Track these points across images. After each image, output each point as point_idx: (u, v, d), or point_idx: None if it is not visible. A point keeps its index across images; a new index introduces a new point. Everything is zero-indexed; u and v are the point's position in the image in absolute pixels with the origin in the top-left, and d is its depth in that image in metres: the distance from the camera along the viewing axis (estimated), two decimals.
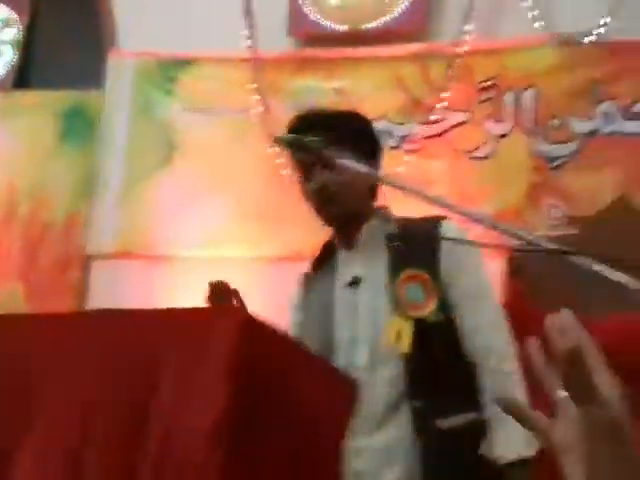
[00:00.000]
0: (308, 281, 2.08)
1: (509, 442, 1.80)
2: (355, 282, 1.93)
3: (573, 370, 0.70)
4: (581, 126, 3.95)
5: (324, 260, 2.05)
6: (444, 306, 1.89)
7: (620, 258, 1.17)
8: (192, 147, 4.42)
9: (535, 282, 3.43)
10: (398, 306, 1.86)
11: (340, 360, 1.83)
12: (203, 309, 1.22)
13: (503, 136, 4.06)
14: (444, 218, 1.92)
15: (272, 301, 3.91)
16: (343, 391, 1.36)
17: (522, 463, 1.80)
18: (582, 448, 0.71)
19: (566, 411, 0.74)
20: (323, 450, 1.29)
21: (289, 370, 1.23)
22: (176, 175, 4.42)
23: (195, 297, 3.87)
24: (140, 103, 4.58)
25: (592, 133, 3.93)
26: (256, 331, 1.19)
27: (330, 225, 2.03)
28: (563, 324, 0.74)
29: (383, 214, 2.03)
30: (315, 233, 4.08)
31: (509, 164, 4.02)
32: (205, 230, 4.28)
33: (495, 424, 1.82)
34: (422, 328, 1.85)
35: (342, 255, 2.02)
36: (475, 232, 2.07)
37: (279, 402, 1.21)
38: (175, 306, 1.30)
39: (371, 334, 1.87)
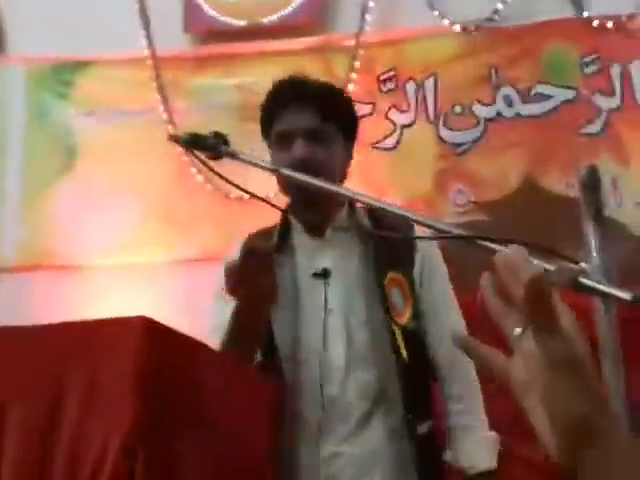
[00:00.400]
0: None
1: (479, 452, 1.79)
2: (324, 274, 1.78)
3: (536, 301, 0.68)
4: (483, 111, 4.01)
5: (281, 242, 1.86)
6: (417, 313, 1.82)
7: (543, 245, 1.17)
8: (94, 151, 4.30)
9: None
10: (391, 311, 1.77)
11: (311, 356, 1.73)
12: (103, 320, 1.16)
13: (408, 126, 4.08)
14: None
15: (187, 305, 3.87)
16: (261, 392, 1.32)
17: (490, 473, 1.79)
18: (542, 384, 0.69)
19: (524, 348, 0.72)
20: (245, 451, 1.25)
21: (199, 373, 1.19)
22: (79, 181, 4.29)
23: (108, 305, 3.79)
24: (34, 109, 4.43)
25: (494, 118, 3.99)
26: (160, 337, 1.14)
27: (301, 205, 1.82)
28: (514, 260, 0.72)
29: (352, 203, 1.87)
30: (226, 233, 4.08)
31: (415, 153, 4.04)
32: (114, 236, 4.18)
33: (462, 433, 1.80)
34: (407, 337, 1.78)
35: (305, 241, 1.85)
36: None
37: (191, 407, 1.16)
38: (86, 316, 1.25)
39: (345, 331, 1.76)
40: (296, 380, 1.70)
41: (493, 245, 1.25)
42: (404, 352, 1.76)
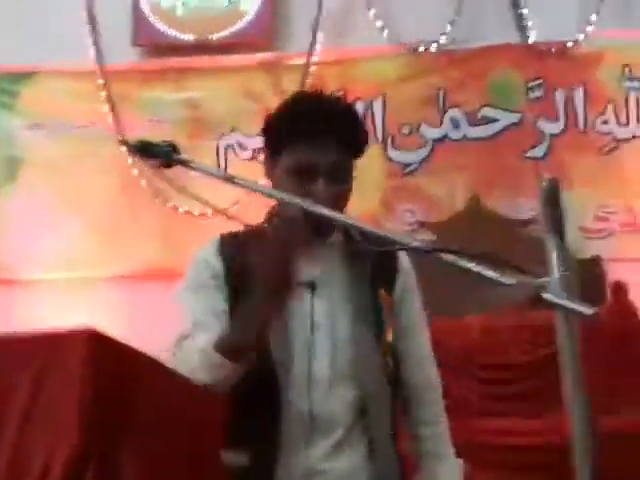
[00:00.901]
0: (232, 259, 1.73)
1: (450, 478, 1.76)
2: (312, 286, 1.69)
3: None
4: (430, 132, 4.06)
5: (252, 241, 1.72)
6: (395, 332, 1.75)
7: (506, 261, 1.18)
8: (38, 163, 4.24)
9: None
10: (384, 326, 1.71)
11: (296, 368, 1.66)
12: (49, 331, 1.13)
13: None
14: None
15: (128, 320, 3.82)
16: (210, 407, 1.30)
17: None
18: None
19: None
20: (193, 469, 1.23)
21: (146, 386, 1.16)
22: (21, 193, 4.21)
23: (49, 319, 3.71)
24: None
25: (441, 139, 4.05)
26: (107, 348, 1.11)
27: (321, 234, 1.68)
28: None
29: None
30: (173, 248, 4.03)
31: (363, 171, 4.03)
32: (56, 250, 4.10)
33: (433, 461, 1.77)
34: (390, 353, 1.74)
35: None
36: None
37: (139, 421, 1.14)
38: (24, 329, 1.21)
39: (330, 346, 1.70)
40: (286, 389, 1.65)
41: (457, 258, 1.27)
42: (392, 370, 1.73)
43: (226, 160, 4.24)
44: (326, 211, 1.44)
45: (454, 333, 3.51)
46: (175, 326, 1.75)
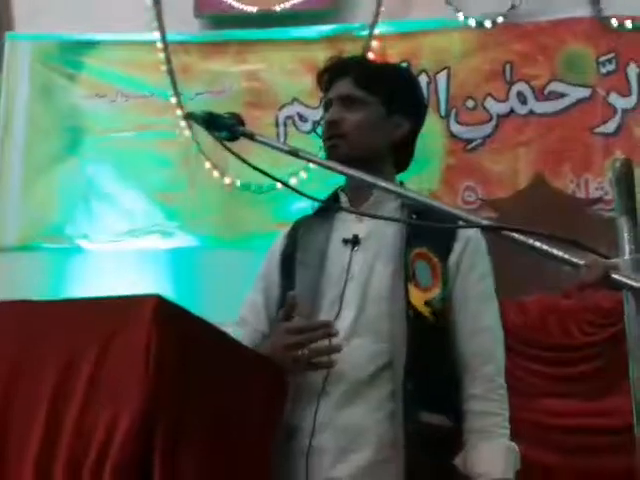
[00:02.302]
0: (307, 228, 1.89)
1: (493, 458, 1.68)
2: (354, 241, 1.79)
3: None
4: (496, 107, 3.96)
5: (323, 210, 1.90)
6: (445, 297, 1.75)
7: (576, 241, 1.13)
8: (100, 134, 4.25)
9: None
10: (409, 281, 1.73)
11: (322, 316, 1.71)
12: (115, 297, 1.13)
13: None
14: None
15: (195, 291, 3.84)
16: (272, 379, 1.28)
17: None
18: None
19: None
20: (253, 439, 1.21)
21: (211, 358, 1.15)
22: (85, 163, 4.24)
23: (109, 288, 3.75)
24: (40, 89, 4.37)
25: (507, 114, 3.94)
26: (174, 316, 1.10)
27: (340, 159, 1.79)
28: None
29: (401, 185, 1.87)
30: (231, 221, 4.04)
31: (424, 147, 3.98)
32: (120, 221, 4.14)
33: (477, 436, 1.72)
34: (425, 311, 1.72)
35: (345, 210, 1.88)
36: None
37: (202, 389, 1.12)
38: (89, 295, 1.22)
39: (359, 298, 1.74)
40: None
41: (521, 237, 1.22)
42: (427, 317, 1.71)
43: (285, 132, 4.20)
44: (391, 187, 1.48)
45: (515, 313, 3.44)
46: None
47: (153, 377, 1.03)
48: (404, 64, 4.05)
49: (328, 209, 1.89)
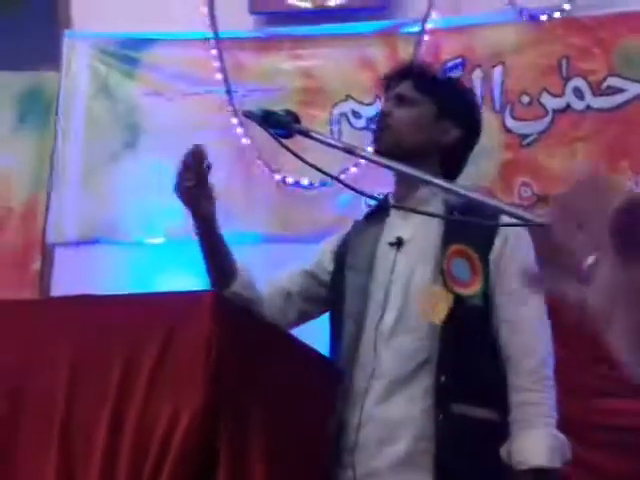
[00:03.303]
0: (357, 230, 2.01)
1: (534, 447, 1.71)
2: (398, 243, 1.87)
3: (627, 230, 0.64)
4: (551, 102, 3.91)
5: (375, 213, 2.03)
6: (486, 293, 1.82)
7: None
8: (156, 130, 4.31)
9: None
10: (443, 277, 1.79)
11: (368, 320, 1.80)
12: (174, 292, 1.16)
13: None
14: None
15: None
16: (326, 375, 1.29)
17: (545, 473, 1.71)
18: (625, 311, 0.65)
19: (602, 275, 0.69)
20: (309, 432, 1.23)
21: (269, 353, 1.17)
22: (142, 158, 4.30)
23: (166, 282, 3.80)
24: (98, 85, 4.45)
25: (563, 110, 3.89)
26: (232, 313, 1.12)
27: (384, 152, 1.94)
28: (600, 182, 0.68)
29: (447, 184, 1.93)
30: (281, 219, 4.06)
31: (480, 143, 3.95)
32: (175, 216, 4.18)
33: (521, 428, 1.74)
34: (460, 307, 1.79)
35: (393, 212, 1.99)
36: None
37: (260, 388, 1.14)
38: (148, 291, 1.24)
39: (402, 299, 1.81)
40: (355, 344, 1.76)
41: None
42: (441, 315, 1.76)
43: (340, 129, 4.21)
44: (438, 181, 1.51)
45: (568, 309, 3.40)
46: None
47: (213, 372, 1.05)
48: (459, 60, 4.04)
49: (378, 214, 2.00)
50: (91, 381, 1.13)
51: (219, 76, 4.28)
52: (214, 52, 4.29)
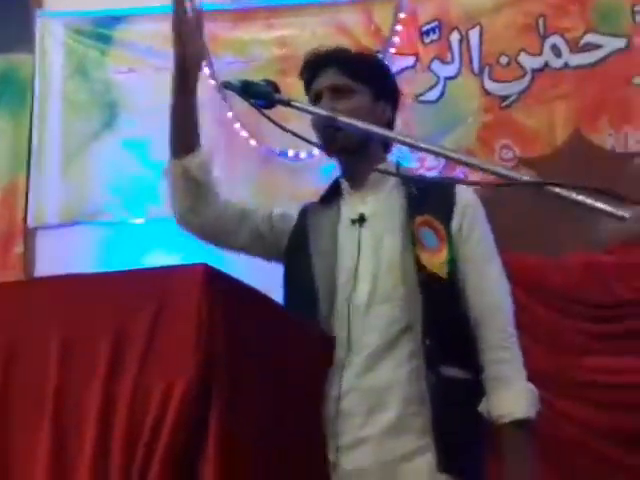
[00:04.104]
0: (313, 213, 2.02)
1: (513, 401, 1.78)
2: (360, 219, 1.90)
3: None
4: (530, 62, 3.90)
5: (327, 199, 2.03)
6: (452, 260, 1.87)
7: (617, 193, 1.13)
8: (134, 108, 4.27)
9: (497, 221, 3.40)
10: (413, 245, 1.84)
11: (339, 296, 1.82)
12: (162, 267, 1.15)
13: (451, 78, 3.98)
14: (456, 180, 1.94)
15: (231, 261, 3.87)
16: (320, 344, 1.29)
17: (524, 424, 1.78)
18: None
19: None
20: (304, 405, 1.23)
21: (261, 324, 1.17)
22: (121, 137, 4.26)
23: (149, 263, 3.78)
24: (73, 65, 4.39)
25: (541, 68, 3.88)
26: (223, 284, 1.12)
27: (336, 156, 2.02)
28: None
29: (388, 164, 2.03)
30: (268, 191, 4.04)
31: (459, 106, 3.95)
32: (155, 195, 4.16)
33: (497, 384, 1.80)
34: (436, 274, 1.84)
35: (348, 195, 2.01)
36: None
37: (252, 359, 1.14)
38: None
39: (372, 272, 1.84)
40: (330, 322, 1.77)
41: (562, 191, 1.21)
42: (444, 270, 1.82)
43: None
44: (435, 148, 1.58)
45: (556, 272, 3.42)
46: None
47: (205, 345, 1.05)
48: (435, 23, 4.02)
49: (331, 198, 2.01)
50: (81, 362, 1.12)
51: None
52: None
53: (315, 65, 2.01)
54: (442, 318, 1.80)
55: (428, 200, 1.89)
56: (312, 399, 1.23)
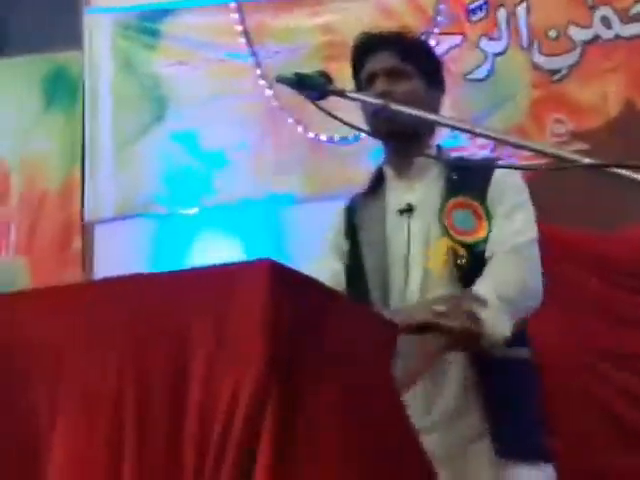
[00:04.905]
0: (360, 206, 2.00)
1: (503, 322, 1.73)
2: (409, 209, 1.89)
3: None
4: (580, 34, 3.83)
5: (372, 188, 2.01)
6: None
7: None
8: (184, 100, 4.30)
9: (552, 200, 3.36)
10: (446, 231, 1.84)
11: (393, 287, 1.83)
12: (226, 264, 1.14)
13: (500, 54, 3.94)
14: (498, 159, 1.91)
15: (284, 247, 3.89)
16: (385, 335, 1.29)
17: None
18: None
19: None
20: (379, 395, 1.23)
21: (326, 319, 1.16)
22: (171, 130, 4.30)
23: (209, 252, 3.82)
24: (122, 60, 4.44)
25: (592, 41, 3.81)
26: (287, 280, 1.11)
27: (387, 141, 1.98)
28: None
29: (440, 147, 2.03)
30: (316, 177, 4.04)
31: (509, 82, 3.91)
32: (206, 184, 4.20)
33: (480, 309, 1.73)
34: (474, 254, 1.82)
35: (394, 182, 1.98)
36: None
37: (321, 353, 1.14)
38: (190, 264, 1.23)
39: (422, 261, 1.84)
40: (385, 306, 1.79)
41: (625, 172, 1.20)
42: (438, 263, 1.82)
43: None
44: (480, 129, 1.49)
45: (613, 245, 3.37)
46: None
47: (271, 341, 1.04)
48: (482, 2, 3.97)
49: (377, 187, 1.98)
50: (145, 365, 1.12)
51: (242, 40, 4.25)
52: (235, 16, 4.25)
53: (368, 47, 1.97)
54: None
55: (465, 182, 1.89)
56: (384, 387, 1.23)
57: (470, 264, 1.81)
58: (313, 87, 1.54)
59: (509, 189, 1.89)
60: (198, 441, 1.07)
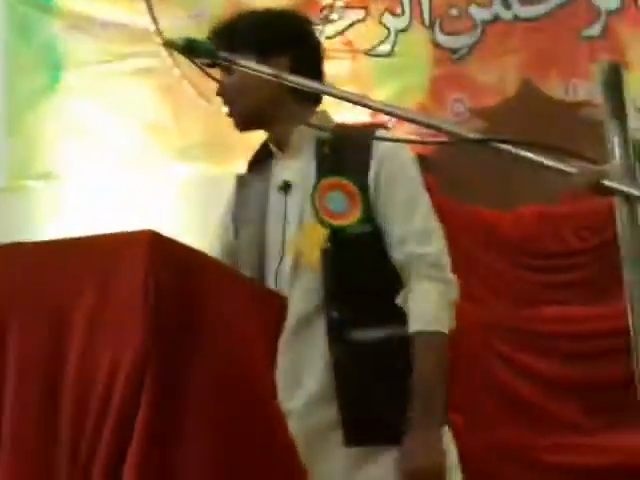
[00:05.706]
0: (242, 184, 1.98)
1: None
2: (286, 187, 1.86)
3: None
4: (480, 14, 3.88)
5: (260, 162, 1.96)
6: (371, 218, 1.81)
7: (564, 148, 1.13)
8: (80, 66, 4.17)
9: (452, 175, 3.41)
10: (316, 215, 1.80)
11: (270, 267, 1.81)
12: (108, 235, 1.12)
13: (402, 30, 3.95)
14: (382, 127, 1.87)
15: (182, 220, 3.83)
16: (272, 309, 1.28)
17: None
18: None
19: None
20: (256, 372, 1.22)
21: (210, 291, 1.15)
22: (66, 98, 4.16)
23: (104, 223, 3.74)
24: (16, 24, 4.27)
25: (492, 20, 3.86)
26: (169, 250, 1.10)
27: (240, 129, 1.96)
28: None
29: (319, 118, 1.92)
30: (219, 149, 4.00)
31: (410, 59, 3.93)
32: (108, 154, 4.10)
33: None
34: (343, 238, 1.79)
35: (277, 158, 1.94)
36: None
37: (202, 327, 1.13)
38: (83, 234, 1.21)
39: (295, 242, 1.82)
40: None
41: (511, 148, 1.21)
42: (314, 256, 1.78)
43: None
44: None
45: (511, 225, 3.45)
46: None
47: (153, 312, 1.03)
48: None
49: (262, 162, 1.95)
50: (22, 337, 1.10)
51: (142, 5, 4.14)
52: None
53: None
54: (351, 281, 1.77)
55: (340, 158, 1.84)
56: (265, 364, 1.23)
57: (338, 249, 1.78)
58: (203, 53, 1.49)
59: (401, 169, 1.85)
60: (75, 411, 1.06)
